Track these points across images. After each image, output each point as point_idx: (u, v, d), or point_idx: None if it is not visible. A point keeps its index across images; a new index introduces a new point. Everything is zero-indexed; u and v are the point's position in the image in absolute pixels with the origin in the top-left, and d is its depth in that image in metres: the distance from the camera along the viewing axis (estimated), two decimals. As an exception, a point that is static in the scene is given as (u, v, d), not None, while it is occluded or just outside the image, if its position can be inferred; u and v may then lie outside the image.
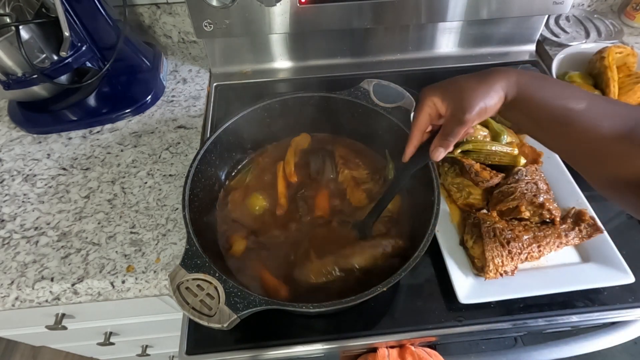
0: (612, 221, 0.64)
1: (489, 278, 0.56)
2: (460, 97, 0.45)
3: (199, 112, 0.81)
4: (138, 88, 0.82)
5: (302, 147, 0.68)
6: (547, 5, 0.82)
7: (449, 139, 0.47)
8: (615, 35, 0.92)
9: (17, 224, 0.64)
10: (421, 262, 0.47)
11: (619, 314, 0.57)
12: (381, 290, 0.44)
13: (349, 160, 0.65)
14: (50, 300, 0.58)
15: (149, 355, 1.03)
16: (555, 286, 0.56)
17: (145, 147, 0.75)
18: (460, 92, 0.46)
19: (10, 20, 0.67)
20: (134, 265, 0.59)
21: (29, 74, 0.67)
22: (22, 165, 0.72)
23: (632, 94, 0.73)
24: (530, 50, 0.95)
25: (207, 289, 0.44)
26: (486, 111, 0.45)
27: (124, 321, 0.80)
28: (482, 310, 0.56)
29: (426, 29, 0.90)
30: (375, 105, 0.61)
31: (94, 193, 0.68)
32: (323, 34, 0.88)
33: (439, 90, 0.48)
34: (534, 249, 0.57)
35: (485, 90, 0.44)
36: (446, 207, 0.64)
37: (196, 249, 0.46)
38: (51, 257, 0.60)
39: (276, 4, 0.75)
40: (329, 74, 0.91)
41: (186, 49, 0.95)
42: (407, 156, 0.52)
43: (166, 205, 0.66)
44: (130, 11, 0.85)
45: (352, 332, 0.56)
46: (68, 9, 0.68)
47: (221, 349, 0.54)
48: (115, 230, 0.63)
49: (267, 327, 0.56)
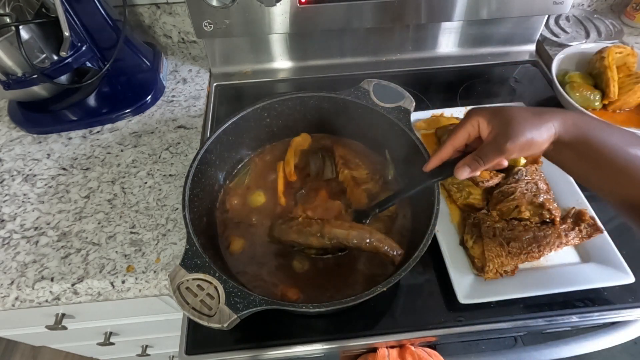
0: (612, 221, 0.64)
1: (489, 278, 0.56)
2: (508, 124, 0.43)
3: (199, 112, 0.81)
4: (138, 88, 0.82)
5: (302, 147, 0.68)
6: (547, 5, 0.82)
7: (480, 162, 0.45)
8: (615, 35, 0.92)
9: (17, 224, 0.64)
10: (421, 262, 0.47)
11: (619, 314, 0.57)
12: (381, 290, 0.44)
13: (349, 160, 0.65)
14: (50, 300, 0.58)
15: (149, 355, 1.03)
16: (555, 286, 0.56)
17: (145, 147, 0.75)
18: (509, 119, 0.43)
19: (10, 20, 0.67)
20: (134, 265, 0.59)
21: (29, 74, 0.67)
22: (22, 165, 0.72)
23: (632, 94, 0.73)
24: (530, 50, 0.95)
25: (207, 289, 0.44)
26: (531, 146, 0.43)
27: (124, 321, 0.80)
28: (482, 310, 0.56)
29: (426, 29, 0.90)
30: (375, 105, 0.61)
31: (94, 193, 0.68)
32: (323, 34, 0.88)
33: (487, 113, 0.46)
34: (534, 249, 0.57)
35: (537, 123, 0.42)
36: (446, 207, 0.64)
37: (196, 249, 0.46)
38: (51, 257, 0.60)
39: (276, 4, 0.75)
40: (329, 74, 0.91)
41: (186, 49, 0.95)
42: (430, 167, 0.50)
43: (166, 205, 0.66)
44: (130, 11, 0.85)
45: (352, 332, 0.56)
46: (68, 9, 0.68)
47: (221, 349, 0.54)
48: (115, 230, 0.63)
49: (267, 327, 0.56)
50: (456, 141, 0.48)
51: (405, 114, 0.61)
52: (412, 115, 0.61)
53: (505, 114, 0.44)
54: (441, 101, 0.83)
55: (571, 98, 0.73)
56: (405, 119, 0.60)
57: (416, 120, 0.75)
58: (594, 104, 0.75)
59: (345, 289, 0.54)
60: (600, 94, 0.75)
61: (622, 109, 0.76)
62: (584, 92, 0.74)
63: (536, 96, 0.85)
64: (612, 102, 0.74)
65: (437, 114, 0.75)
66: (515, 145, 0.42)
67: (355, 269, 0.56)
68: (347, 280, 0.55)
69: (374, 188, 0.63)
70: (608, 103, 0.75)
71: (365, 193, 0.62)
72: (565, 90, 0.75)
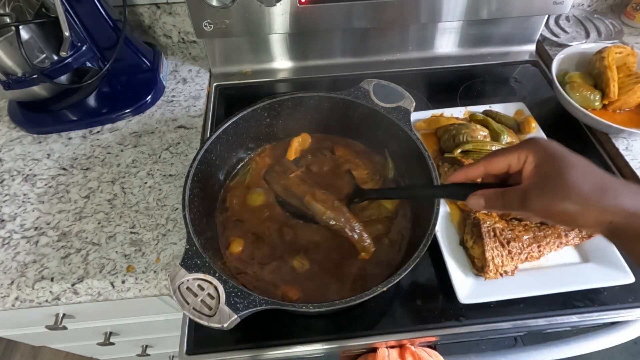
0: (612, 221, 0.64)
1: (489, 278, 0.56)
2: (555, 180, 0.34)
3: (199, 112, 0.81)
4: (138, 88, 0.82)
5: (302, 147, 0.68)
6: (547, 5, 0.82)
7: (499, 203, 0.38)
8: (615, 35, 0.92)
9: (17, 224, 0.64)
10: (421, 262, 0.47)
11: (619, 314, 0.57)
12: (381, 290, 0.44)
13: (349, 161, 0.66)
14: (50, 300, 0.58)
15: (149, 355, 1.03)
16: (555, 286, 0.56)
17: (145, 147, 0.75)
18: (560, 176, 0.34)
19: (10, 20, 0.67)
20: (134, 265, 0.59)
21: (29, 74, 0.67)
22: (22, 165, 0.72)
23: (632, 94, 0.73)
24: (530, 50, 0.95)
25: (207, 288, 0.44)
26: (568, 221, 0.34)
27: (124, 321, 0.80)
28: (482, 310, 0.56)
29: (426, 29, 0.90)
30: (375, 105, 0.61)
31: (94, 193, 0.68)
32: (323, 34, 0.88)
33: (543, 152, 0.36)
34: (534, 249, 0.57)
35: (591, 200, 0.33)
36: (446, 207, 0.64)
37: (196, 249, 0.46)
38: (51, 257, 0.60)
39: (276, 4, 0.75)
40: (329, 74, 0.91)
41: (186, 49, 0.95)
42: (451, 180, 0.43)
43: (166, 205, 0.66)
44: (130, 11, 0.85)
45: (352, 332, 0.56)
46: (68, 9, 0.68)
47: (221, 349, 0.54)
48: (115, 230, 0.63)
49: (267, 327, 0.56)
50: (491, 165, 0.40)
51: (405, 114, 0.61)
52: (412, 115, 0.61)
53: (561, 165, 0.35)
54: (441, 101, 0.83)
55: (571, 98, 0.73)
56: (405, 119, 0.60)
57: (416, 120, 0.75)
58: (594, 104, 0.75)
59: (346, 289, 0.54)
60: (600, 94, 0.75)
61: (622, 109, 0.76)
62: (584, 92, 0.74)
63: (536, 96, 0.85)
64: (612, 102, 0.74)
65: (437, 114, 0.75)
66: (547, 211, 0.35)
67: (356, 269, 0.56)
68: (347, 280, 0.55)
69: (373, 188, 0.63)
70: (608, 103, 0.75)
71: (365, 193, 0.62)
72: (565, 90, 0.75)
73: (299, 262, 0.56)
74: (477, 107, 0.77)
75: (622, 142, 0.74)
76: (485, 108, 0.77)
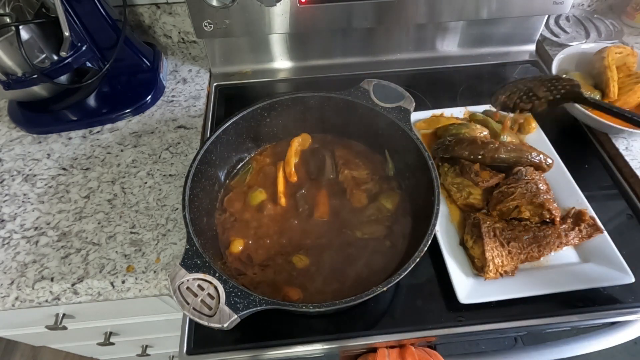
0: (612, 221, 0.64)
1: (489, 278, 0.56)
2: None
3: (199, 112, 0.81)
4: (138, 88, 0.82)
5: (302, 147, 0.68)
6: (547, 5, 0.82)
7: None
8: (615, 35, 0.92)
9: (17, 224, 0.64)
10: (421, 262, 0.47)
11: (619, 314, 0.57)
12: (381, 290, 0.44)
13: (349, 161, 0.66)
14: (50, 300, 0.58)
15: (149, 355, 1.03)
16: (555, 286, 0.56)
17: (145, 147, 0.75)
18: None
19: (10, 20, 0.67)
20: (134, 265, 0.59)
21: (29, 74, 0.67)
22: (22, 165, 0.72)
23: (632, 94, 0.73)
24: (530, 50, 0.95)
25: (207, 288, 0.44)
26: None
27: (124, 321, 0.80)
28: (482, 310, 0.56)
29: (426, 29, 0.90)
30: (375, 105, 0.61)
31: (94, 193, 0.68)
32: (323, 34, 0.88)
33: None
34: (534, 249, 0.57)
35: None
36: (446, 207, 0.64)
37: (196, 249, 0.46)
38: (51, 257, 0.60)
39: (276, 4, 0.75)
40: (330, 74, 0.91)
41: (186, 49, 0.95)
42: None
43: (166, 205, 0.66)
44: (130, 11, 0.85)
45: (352, 332, 0.56)
46: (68, 9, 0.68)
47: (221, 349, 0.54)
48: (115, 230, 0.63)
49: (267, 327, 0.56)
50: None
51: (405, 114, 0.61)
52: (412, 115, 0.61)
53: None
54: (441, 101, 0.83)
55: (571, 98, 0.73)
56: (405, 119, 0.60)
57: (416, 120, 0.75)
58: (594, 104, 0.75)
59: (346, 289, 0.54)
60: (600, 94, 0.75)
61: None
62: (584, 92, 0.74)
63: (536, 96, 0.85)
64: (612, 102, 0.74)
65: (437, 114, 0.75)
66: None
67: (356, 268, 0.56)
68: (348, 280, 0.54)
69: (374, 188, 0.63)
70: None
71: (365, 193, 0.62)
72: (565, 90, 0.74)
73: (298, 258, 0.56)
74: (477, 107, 0.77)
75: (622, 142, 0.74)
76: (485, 108, 0.77)
